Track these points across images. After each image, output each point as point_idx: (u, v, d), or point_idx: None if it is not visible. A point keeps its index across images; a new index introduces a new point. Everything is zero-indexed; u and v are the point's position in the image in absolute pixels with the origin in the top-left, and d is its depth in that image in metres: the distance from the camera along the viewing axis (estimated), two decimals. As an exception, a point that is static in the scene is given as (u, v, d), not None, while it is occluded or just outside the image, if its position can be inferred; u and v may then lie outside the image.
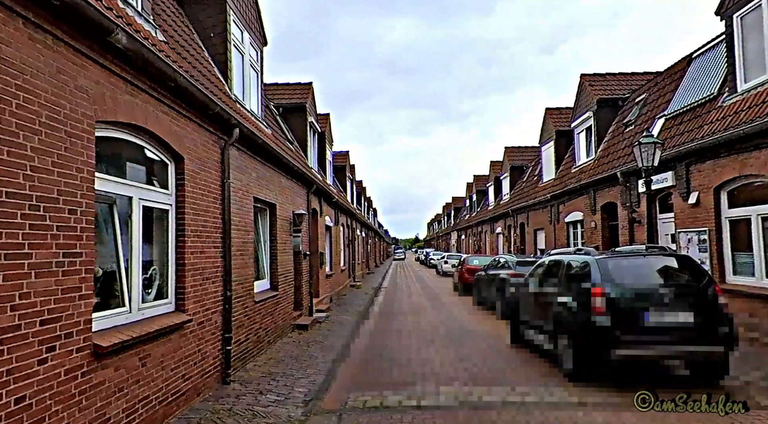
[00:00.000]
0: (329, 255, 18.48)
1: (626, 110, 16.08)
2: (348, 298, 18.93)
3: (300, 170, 11.75)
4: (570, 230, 18.26)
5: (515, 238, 26.10)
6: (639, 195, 12.79)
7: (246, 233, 8.07)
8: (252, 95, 10.36)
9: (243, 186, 8.01)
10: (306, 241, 13.36)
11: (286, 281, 10.95)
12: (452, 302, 18.19)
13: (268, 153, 9.10)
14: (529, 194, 23.90)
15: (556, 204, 19.25)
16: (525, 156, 29.99)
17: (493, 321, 12.91)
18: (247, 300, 8.04)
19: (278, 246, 10.32)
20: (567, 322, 6.84)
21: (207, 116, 6.38)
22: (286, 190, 11.18)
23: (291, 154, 12.72)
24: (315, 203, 15.17)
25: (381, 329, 12.17)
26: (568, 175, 18.73)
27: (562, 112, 21.88)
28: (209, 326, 6.42)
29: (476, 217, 39.27)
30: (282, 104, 17.12)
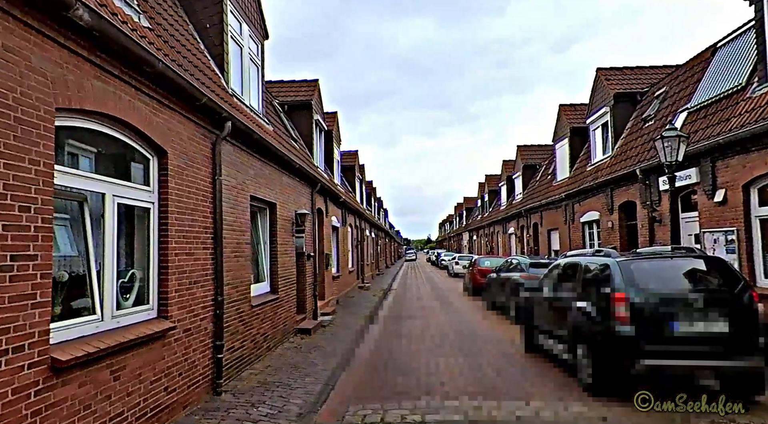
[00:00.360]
0: (336, 256, 18.02)
1: (645, 105, 15.40)
2: (356, 300, 18.46)
3: (303, 169, 11.29)
4: (585, 231, 17.60)
5: (528, 238, 25.43)
6: (660, 193, 12.15)
7: (241, 233, 7.62)
8: (252, 90, 9.92)
9: (238, 184, 7.56)
10: (310, 242, 12.90)
11: (288, 283, 10.49)
12: (463, 304, 17.64)
13: (267, 150, 8.65)
14: (543, 194, 23.25)
15: (570, 203, 18.60)
16: (538, 155, 29.29)
17: (506, 326, 12.34)
18: (243, 304, 7.58)
19: (279, 247, 9.87)
20: (585, 330, 6.28)
21: (194, 108, 5.94)
22: (288, 189, 10.73)
23: (294, 153, 12.28)
24: (320, 203, 14.71)
25: (387, 334, 11.66)
26: (583, 174, 18.07)
27: (577, 109, 21.20)
28: (197, 334, 5.96)
29: (488, 217, 38.60)
30: (287, 102, 16.71)
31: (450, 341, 10.44)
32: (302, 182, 12.06)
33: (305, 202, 12.46)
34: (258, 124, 9.42)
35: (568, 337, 6.85)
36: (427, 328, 12.29)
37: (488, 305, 16.09)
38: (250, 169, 8.16)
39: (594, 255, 6.85)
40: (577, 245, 18.08)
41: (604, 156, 16.48)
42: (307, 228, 12.59)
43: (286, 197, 10.48)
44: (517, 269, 13.37)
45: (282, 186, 10.21)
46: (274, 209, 9.72)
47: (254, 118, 9.42)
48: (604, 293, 6.05)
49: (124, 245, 5.14)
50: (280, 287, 9.82)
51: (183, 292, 5.63)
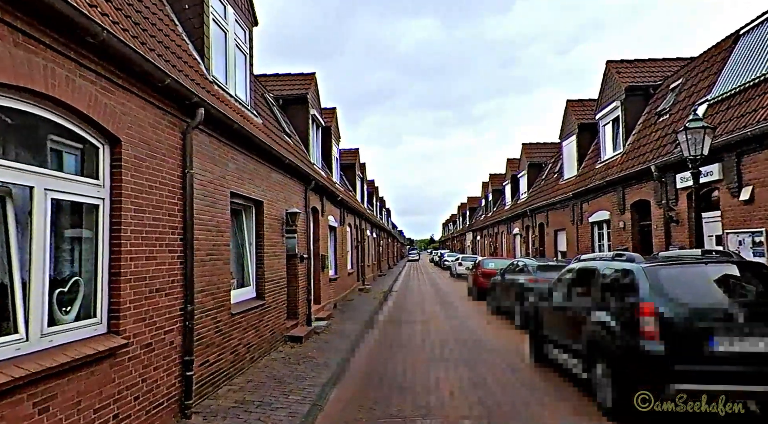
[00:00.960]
0: (333, 257, 17.26)
1: (659, 98, 14.58)
2: (354, 303, 17.69)
3: (294, 164, 10.53)
4: (595, 231, 16.78)
5: (534, 239, 24.61)
6: (677, 191, 11.34)
7: (219, 233, 6.85)
8: (237, 79, 9.16)
9: (215, 179, 6.80)
10: (303, 242, 12.14)
11: (277, 287, 9.73)
12: (466, 308, 16.84)
13: (251, 142, 7.88)
14: (549, 193, 22.43)
15: (578, 203, 17.78)
16: (544, 153, 28.46)
17: (511, 332, 11.55)
18: (221, 313, 6.82)
19: (266, 249, 9.10)
20: (605, 346, 5.49)
21: (157, 90, 5.17)
22: (278, 187, 9.96)
23: (286, 148, 11.52)
24: (315, 202, 13.95)
25: (385, 342, 10.89)
26: (592, 172, 17.25)
27: (585, 105, 20.39)
28: (161, 349, 5.20)
29: (492, 217, 37.77)
30: (282, 96, 15.97)
31: (451, 351, 9.66)
32: (294, 179, 11.30)
33: (298, 201, 11.70)
34: (243, 115, 8.67)
35: (583, 352, 6.06)
36: (427, 335, 11.51)
37: (492, 309, 15.30)
38: (231, 163, 7.39)
39: (614, 259, 6.05)
40: (585, 246, 17.28)
41: (615, 153, 15.66)
42: (300, 228, 11.83)
43: (274, 195, 9.72)
44: (524, 272, 12.57)
45: (270, 183, 9.45)
46: (261, 208, 8.96)
47: (239, 109, 8.67)
48: (628, 304, 5.26)
49: (68, 248, 4.39)
50: (268, 291, 9.06)
51: (141, 302, 4.86)
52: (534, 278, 11.60)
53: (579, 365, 6.30)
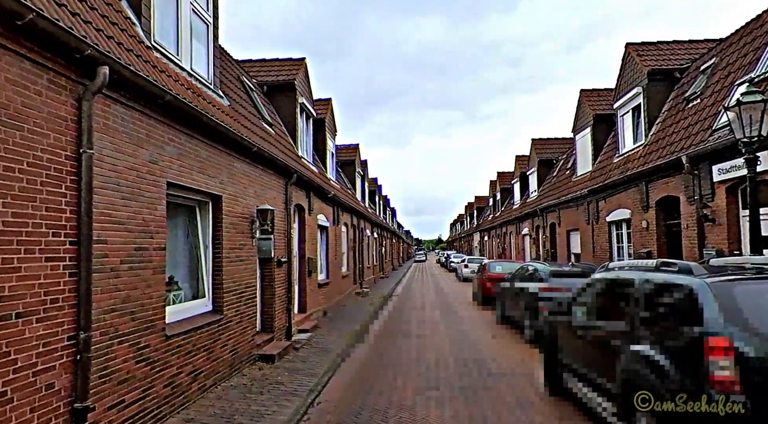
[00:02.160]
0: (324, 260, 15.77)
1: (687, 82, 12.96)
2: (348, 310, 16.18)
3: (268, 154, 9.06)
4: (612, 231, 15.16)
5: (544, 240, 22.99)
6: (713, 185, 9.73)
7: (146, 235, 5.38)
8: (195, 51, 7.69)
9: (140, 164, 5.32)
10: (283, 244, 10.66)
11: (243, 298, 8.25)
12: (470, 316, 15.27)
13: (199, 122, 6.40)
14: (561, 190, 20.81)
15: (594, 200, 16.17)
16: (554, 148, 26.82)
17: (520, 348, 10.00)
18: (148, 336, 5.33)
19: (227, 252, 7.63)
20: (651, 391, 3.93)
21: (23, 34, 3.70)
22: (244, 179, 8.49)
23: (263, 136, 10.06)
24: (300, 198, 12.46)
25: (372, 361, 9.37)
26: (609, 166, 15.64)
27: (600, 95, 18.76)
28: (28, 397, 3.73)
29: (500, 217, 36.13)
30: (267, 82, 14.51)
31: (450, 375, 8.12)
32: (269, 172, 9.81)
33: (275, 197, 10.22)
34: (199, 92, 7.21)
35: (618, 393, 4.51)
36: (423, 352, 9.97)
37: (499, 317, 13.74)
38: (168, 146, 5.91)
39: (660, 269, 4.48)
40: (602, 247, 15.66)
41: (636, 145, 14.04)
42: (278, 228, 10.35)
43: (239, 189, 8.24)
44: (535, 278, 10.99)
45: (233, 174, 7.97)
46: (219, 203, 7.48)
47: (194, 85, 7.21)
48: (687, 337, 3.71)
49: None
50: (228, 304, 7.58)
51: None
52: (547, 287, 10.03)
53: (610, 409, 4.75)
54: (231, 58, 11.98)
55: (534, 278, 11.08)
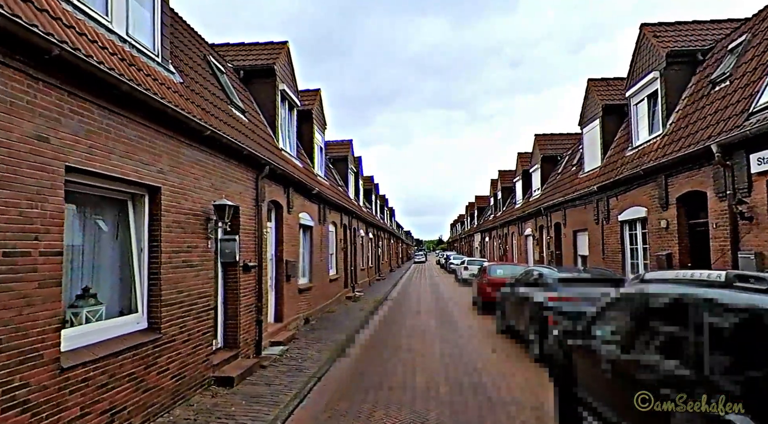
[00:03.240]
0: (308, 262, 14.40)
1: (712, 64, 11.56)
2: (335, 317, 14.81)
3: (230, 142, 7.72)
4: (625, 231, 13.77)
5: (548, 241, 21.60)
6: (750, 177, 8.35)
7: (27, 236, 4.01)
8: (132, 16, 6.32)
9: (19, 140, 3.96)
10: (252, 246, 9.30)
11: (192, 311, 6.87)
12: (468, 325, 13.88)
13: (118, 91, 5.04)
14: (567, 188, 19.42)
15: (604, 198, 14.78)
16: (559, 144, 25.43)
17: (525, 366, 8.62)
18: (26, 373, 3.96)
19: (169, 256, 6.26)
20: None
21: None
22: (196, 169, 7.11)
23: (226, 121, 8.71)
24: (277, 195, 11.10)
25: (352, 383, 7.99)
26: (621, 161, 14.26)
27: (610, 84, 17.37)
28: None
29: (501, 217, 34.73)
30: (243, 66, 13.15)
31: (441, 404, 6.73)
32: (232, 162, 8.45)
33: (242, 192, 8.86)
34: (136, 63, 5.85)
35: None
36: (413, 372, 8.58)
37: (500, 326, 12.36)
38: (69, 119, 4.54)
39: (735, 286, 3.06)
40: (613, 249, 14.28)
41: (652, 136, 12.65)
42: (246, 227, 9.00)
43: (189, 180, 6.87)
44: (541, 285, 9.60)
45: (179, 162, 6.60)
46: (157, 197, 6.11)
47: (130, 54, 5.87)
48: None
49: None
50: (169, 318, 6.21)
51: None
52: (556, 296, 8.64)
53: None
54: (196, 35, 10.62)
55: (540, 284, 9.69)
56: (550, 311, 8.45)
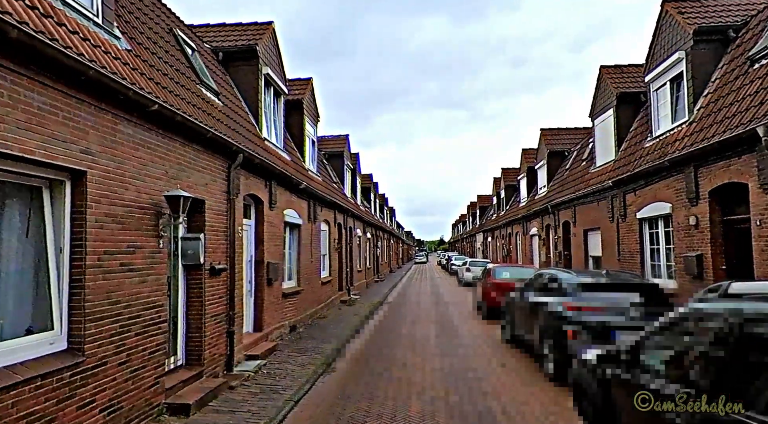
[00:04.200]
0: (295, 264, 13.12)
1: (746, 41, 10.27)
2: (325, 323, 13.54)
3: (186, 120, 6.45)
4: (644, 230, 12.47)
5: (556, 241, 20.30)
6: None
7: None
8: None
9: None
10: (223, 246, 8.04)
11: (135, 325, 5.59)
12: (472, 334, 12.59)
13: (8, 38, 3.77)
14: (576, 184, 18.13)
15: (620, 194, 13.49)
16: (566, 139, 24.15)
17: (541, 387, 7.34)
18: None
19: (98, 259, 4.98)
20: None
21: None
22: (141, 152, 5.84)
23: (189, 99, 7.45)
24: (257, 188, 9.84)
25: (333, 410, 6.71)
26: (639, 152, 12.97)
27: (625, 71, 16.07)
28: None
29: (505, 216, 33.42)
30: (223, 47, 11.91)
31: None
32: (195, 147, 7.18)
33: (208, 183, 7.59)
34: (63, 20, 4.59)
35: None
36: (407, 396, 7.27)
37: (506, 335, 11.07)
38: None
39: None
40: (630, 250, 12.99)
41: (677, 123, 11.35)
42: (215, 224, 7.74)
43: (130, 165, 5.59)
44: (555, 291, 8.30)
45: (115, 142, 5.32)
46: (82, 183, 4.84)
47: (48, 5, 4.59)
48: None
49: None
50: (97, 336, 4.93)
51: None
52: (575, 304, 7.34)
53: None
54: (163, 6, 9.35)
55: (554, 289, 8.40)
56: (568, 323, 7.16)
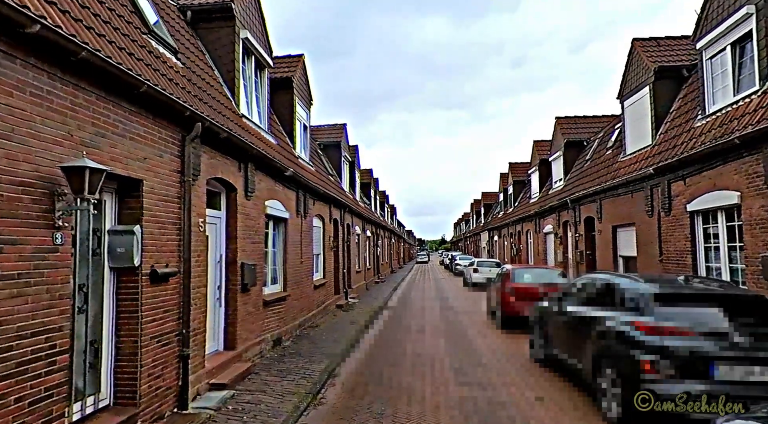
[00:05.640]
0: (281, 264, 11.12)
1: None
2: (317, 334, 11.53)
3: (107, 65, 4.45)
4: (697, 225, 10.47)
5: (577, 239, 18.29)
6: None
7: None
8: None
9: None
10: (174, 242, 6.05)
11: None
12: (490, 349, 10.55)
13: None
14: (601, 175, 16.13)
15: (664, 183, 11.48)
16: (584, 127, 22.16)
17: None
18: None
19: None
20: None
21: None
22: (18, 98, 3.82)
23: (119, 43, 5.44)
24: (227, 171, 7.85)
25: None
26: (687, 134, 10.97)
27: (662, 44, 14.07)
28: None
29: (514, 213, 31.40)
30: (192, 6, 9.89)
31: None
32: (122, 106, 5.15)
33: (149, 157, 5.59)
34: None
35: None
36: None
37: (537, 353, 9.04)
38: None
39: None
40: (678, 249, 10.99)
41: (743, 94, 9.33)
42: (161, 213, 5.74)
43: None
44: (615, 303, 6.26)
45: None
46: None
47: None
48: None
49: None
50: None
51: None
52: (652, 324, 5.30)
53: None
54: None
55: (613, 301, 6.36)
56: (643, 350, 5.14)
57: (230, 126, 7.87)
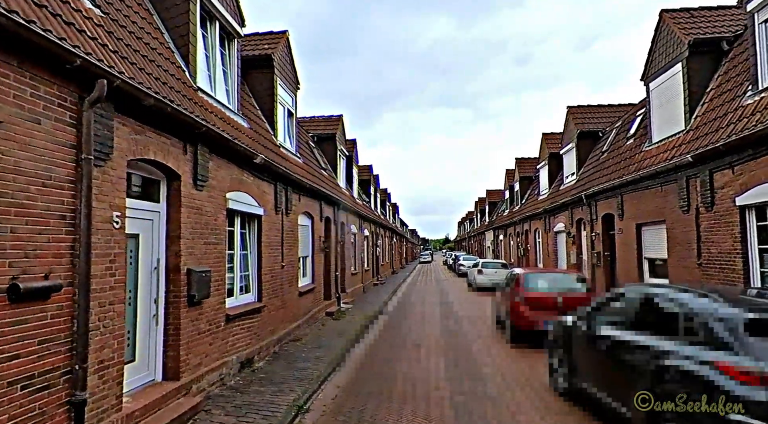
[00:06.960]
0: (255, 270, 9.40)
1: None
2: (297, 351, 9.80)
3: None
4: (749, 222, 8.69)
5: (593, 238, 16.50)
6: None
7: None
8: None
9: None
10: (53, 246, 4.32)
11: None
12: (500, 373, 8.77)
13: None
14: (622, 167, 14.35)
15: (705, 173, 9.71)
16: (599, 117, 20.36)
17: None
18: None
19: None
20: None
21: None
22: None
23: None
24: (166, 153, 6.16)
25: None
26: (735, 114, 9.21)
27: (695, 15, 12.27)
28: None
29: (521, 211, 29.59)
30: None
31: None
32: None
33: (12, 119, 3.86)
34: None
35: None
36: None
37: (560, 382, 7.23)
38: None
39: None
40: (722, 249, 9.24)
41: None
42: (27, 203, 4.00)
43: None
44: (679, 330, 4.50)
45: None
46: None
47: None
48: None
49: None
50: None
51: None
52: (747, 368, 3.54)
53: None
54: None
55: (676, 327, 4.59)
56: (739, 406, 3.39)
57: (172, 96, 6.18)
